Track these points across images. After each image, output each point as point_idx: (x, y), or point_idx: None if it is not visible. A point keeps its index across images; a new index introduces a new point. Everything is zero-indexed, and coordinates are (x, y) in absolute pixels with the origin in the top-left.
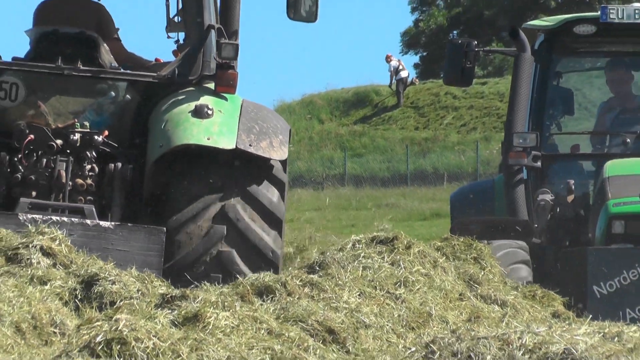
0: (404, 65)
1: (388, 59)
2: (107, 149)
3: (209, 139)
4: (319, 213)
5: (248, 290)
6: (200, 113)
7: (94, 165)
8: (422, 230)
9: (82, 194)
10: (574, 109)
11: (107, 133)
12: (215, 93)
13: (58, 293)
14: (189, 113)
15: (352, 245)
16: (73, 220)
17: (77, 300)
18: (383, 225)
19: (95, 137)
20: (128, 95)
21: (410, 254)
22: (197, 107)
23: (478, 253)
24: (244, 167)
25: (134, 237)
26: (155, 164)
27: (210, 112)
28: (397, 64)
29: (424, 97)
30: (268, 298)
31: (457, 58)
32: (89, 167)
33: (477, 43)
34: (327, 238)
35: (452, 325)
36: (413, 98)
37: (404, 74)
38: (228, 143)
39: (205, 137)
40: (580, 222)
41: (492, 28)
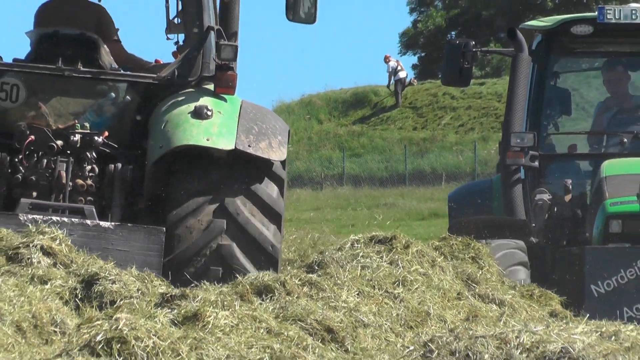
0: (403, 66)
1: (386, 60)
2: (107, 150)
3: (209, 140)
4: (318, 213)
5: (247, 290)
6: (200, 114)
7: (94, 166)
8: (420, 230)
9: (82, 195)
10: (572, 109)
11: (107, 134)
12: (215, 94)
13: (58, 292)
14: (189, 114)
15: (350, 245)
16: (73, 221)
17: (77, 300)
18: (380, 218)
19: (96, 138)
20: (128, 97)
21: (409, 254)
22: (196, 108)
23: (476, 252)
24: (243, 167)
25: (134, 237)
26: (155, 165)
27: (210, 113)
28: (395, 65)
29: (422, 97)
30: (267, 297)
31: (455, 58)
32: (89, 167)
33: (474, 43)
34: (326, 238)
35: (450, 325)
36: (411, 98)
37: (403, 75)
38: (227, 144)
39: (205, 138)
40: (578, 221)
41: (489, 29)
